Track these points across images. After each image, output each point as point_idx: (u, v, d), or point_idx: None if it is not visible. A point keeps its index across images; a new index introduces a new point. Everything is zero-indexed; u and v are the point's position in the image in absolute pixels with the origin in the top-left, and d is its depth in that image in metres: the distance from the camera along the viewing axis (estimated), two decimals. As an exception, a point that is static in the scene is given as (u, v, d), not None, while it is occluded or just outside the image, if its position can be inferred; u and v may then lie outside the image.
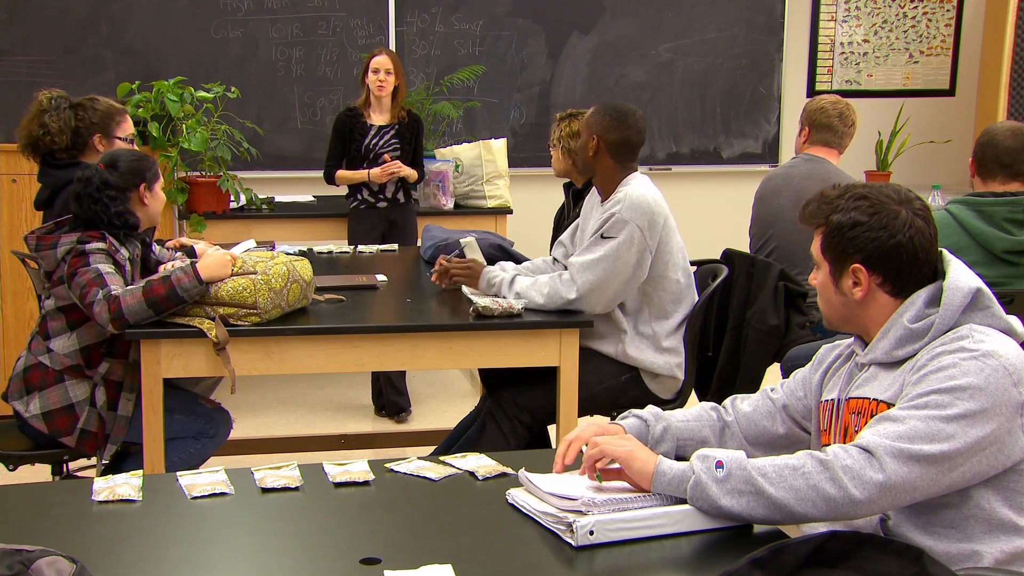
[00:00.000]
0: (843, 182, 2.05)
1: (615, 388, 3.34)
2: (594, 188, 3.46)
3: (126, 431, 3.13)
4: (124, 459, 3.28)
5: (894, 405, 1.82)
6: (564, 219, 4.04)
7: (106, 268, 3.00)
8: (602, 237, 3.22)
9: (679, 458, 2.06)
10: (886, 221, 1.89)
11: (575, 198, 3.92)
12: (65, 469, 3.32)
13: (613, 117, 3.33)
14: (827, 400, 2.03)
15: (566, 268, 3.31)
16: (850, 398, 1.95)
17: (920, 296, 1.89)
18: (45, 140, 3.47)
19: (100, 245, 3.03)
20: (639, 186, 3.29)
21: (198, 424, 3.21)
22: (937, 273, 1.92)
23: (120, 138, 3.62)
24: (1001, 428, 1.73)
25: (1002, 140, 3.27)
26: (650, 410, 2.10)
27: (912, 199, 1.93)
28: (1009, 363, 1.75)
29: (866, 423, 1.86)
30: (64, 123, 3.48)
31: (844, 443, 1.92)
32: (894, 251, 1.89)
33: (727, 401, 2.17)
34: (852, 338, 2.03)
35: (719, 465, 1.74)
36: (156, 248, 3.44)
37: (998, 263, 3.19)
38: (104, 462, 3.12)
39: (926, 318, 1.86)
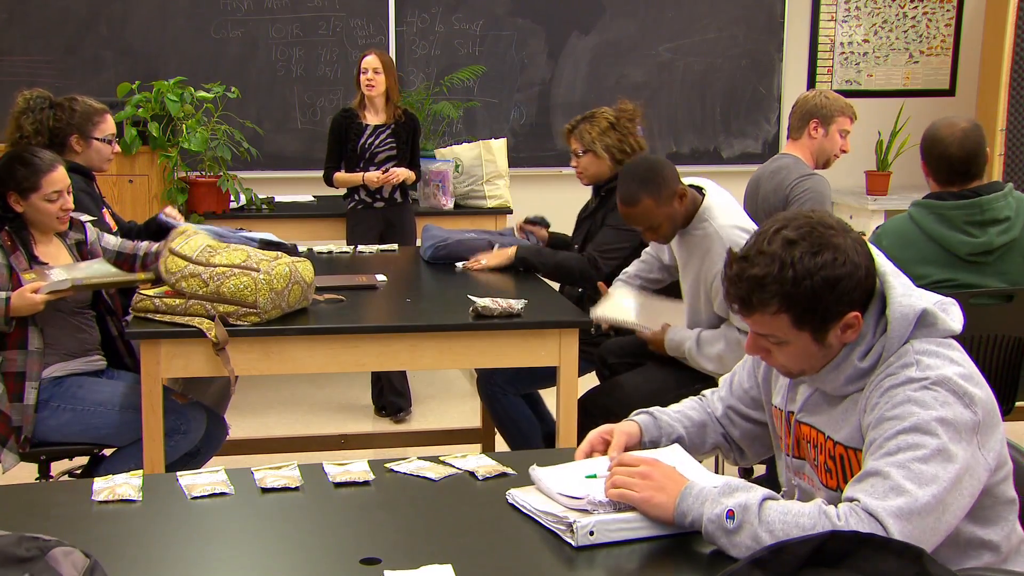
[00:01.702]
0: (790, 179, 1.92)
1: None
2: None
3: (34, 419, 3.10)
4: (99, 463, 3.28)
5: (853, 448, 1.77)
6: (588, 216, 3.99)
7: None
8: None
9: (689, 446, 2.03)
10: (853, 259, 1.74)
11: (604, 194, 3.86)
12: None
13: (658, 171, 3.16)
14: (776, 407, 1.99)
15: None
16: (801, 422, 1.90)
17: (868, 327, 1.78)
18: (21, 144, 3.45)
19: None
20: (719, 216, 3.17)
21: (168, 421, 3.14)
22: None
23: (98, 138, 3.62)
24: (966, 453, 1.67)
25: (954, 152, 3.18)
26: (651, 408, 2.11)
27: (838, 222, 1.78)
28: (957, 385, 1.69)
29: (825, 460, 1.82)
30: (40, 124, 3.49)
31: (798, 455, 1.91)
32: (868, 282, 1.77)
33: (707, 393, 2.17)
34: None
35: (729, 515, 1.65)
36: (111, 240, 3.43)
37: (961, 265, 3.19)
38: (20, 451, 3.09)
39: (872, 350, 1.78)
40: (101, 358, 3.32)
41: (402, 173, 4.99)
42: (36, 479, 3.31)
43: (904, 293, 1.77)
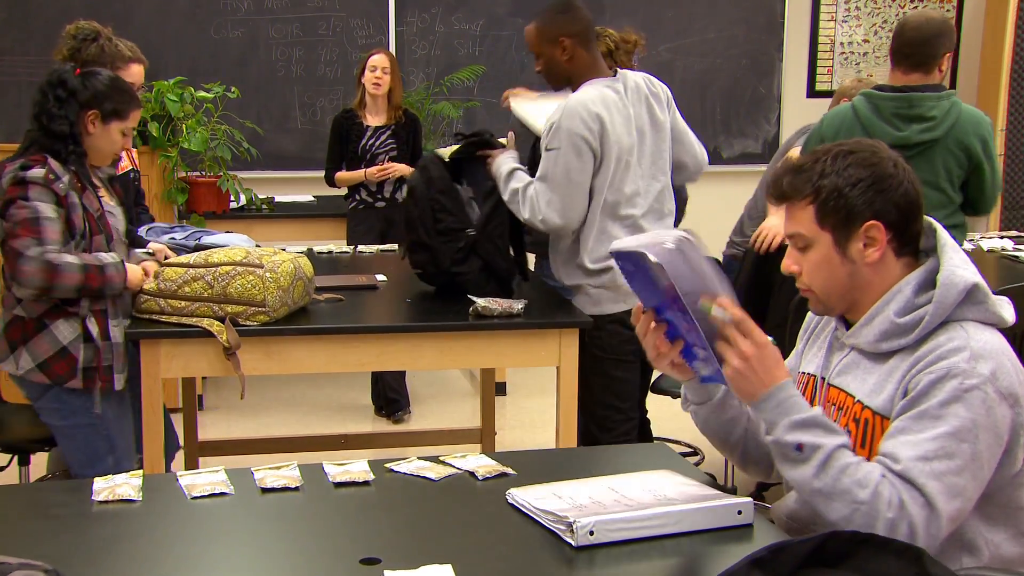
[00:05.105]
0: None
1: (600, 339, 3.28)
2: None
3: (126, 357, 3.01)
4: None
5: (881, 416, 1.77)
6: None
7: (46, 212, 2.82)
8: (547, 150, 3.18)
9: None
10: (888, 170, 1.79)
11: None
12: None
13: (560, 11, 3.26)
14: (805, 373, 1.98)
15: None
16: (831, 385, 1.89)
17: (909, 283, 1.80)
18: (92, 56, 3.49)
19: (38, 173, 2.82)
20: (586, 89, 3.23)
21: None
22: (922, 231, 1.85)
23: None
24: (994, 447, 1.71)
25: (908, 31, 3.39)
26: None
27: (888, 149, 1.84)
28: (1004, 386, 1.70)
29: (847, 423, 1.81)
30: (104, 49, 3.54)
31: None
32: (903, 200, 1.79)
33: None
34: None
35: (798, 448, 1.71)
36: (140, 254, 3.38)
37: None
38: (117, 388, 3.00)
39: (915, 310, 1.78)
40: None
41: (399, 167, 4.99)
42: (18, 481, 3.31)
43: (959, 264, 1.78)
